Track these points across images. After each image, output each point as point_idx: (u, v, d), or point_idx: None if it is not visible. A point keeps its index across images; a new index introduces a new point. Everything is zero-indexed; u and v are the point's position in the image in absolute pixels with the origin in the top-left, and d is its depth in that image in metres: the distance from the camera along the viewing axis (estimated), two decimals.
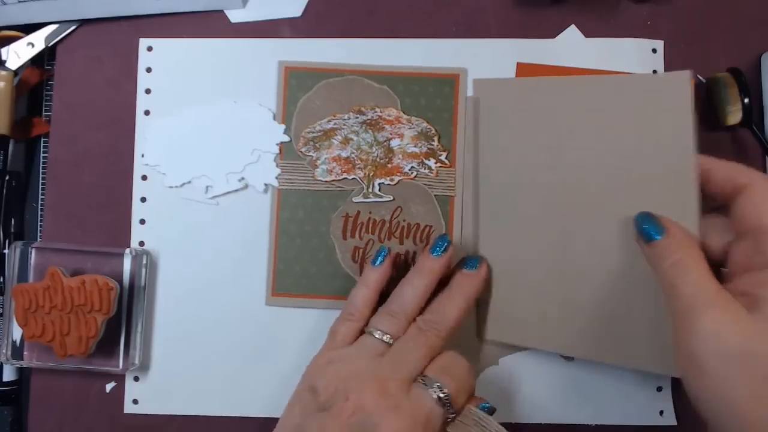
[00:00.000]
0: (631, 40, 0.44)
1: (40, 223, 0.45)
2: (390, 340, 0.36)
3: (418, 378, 0.34)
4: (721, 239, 0.32)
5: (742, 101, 0.41)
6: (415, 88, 0.43)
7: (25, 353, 0.42)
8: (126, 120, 0.44)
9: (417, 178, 0.43)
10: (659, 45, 0.44)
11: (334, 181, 0.43)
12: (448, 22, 0.44)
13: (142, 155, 0.44)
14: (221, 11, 0.45)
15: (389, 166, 0.43)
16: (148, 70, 0.44)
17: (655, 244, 0.32)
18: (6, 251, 0.42)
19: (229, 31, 0.44)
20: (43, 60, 0.46)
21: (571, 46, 0.44)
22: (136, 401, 0.43)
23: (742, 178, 0.31)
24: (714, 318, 0.27)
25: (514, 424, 0.42)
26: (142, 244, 0.43)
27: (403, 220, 0.43)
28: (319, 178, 0.43)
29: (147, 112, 0.44)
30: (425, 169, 0.43)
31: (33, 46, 0.44)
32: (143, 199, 0.44)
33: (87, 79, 0.45)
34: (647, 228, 0.32)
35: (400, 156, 0.43)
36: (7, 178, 0.44)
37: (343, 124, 0.43)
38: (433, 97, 0.43)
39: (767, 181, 0.30)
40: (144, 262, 0.42)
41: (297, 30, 0.44)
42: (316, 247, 0.43)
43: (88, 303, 0.40)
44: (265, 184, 0.43)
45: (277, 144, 0.43)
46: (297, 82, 0.43)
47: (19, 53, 0.44)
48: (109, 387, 0.43)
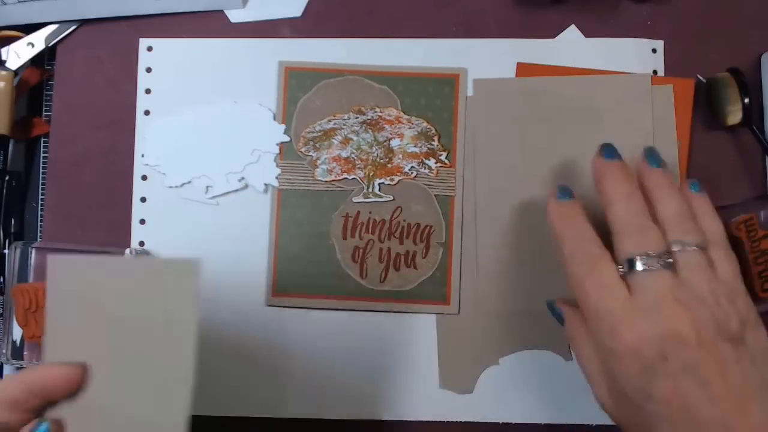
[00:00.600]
0: (631, 40, 0.44)
1: (40, 223, 0.45)
2: None
3: None
4: None
5: (742, 101, 0.41)
6: (415, 88, 0.43)
7: (25, 353, 0.42)
8: (126, 120, 0.44)
9: (417, 178, 0.43)
10: (659, 45, 0.44)
11: (334, 181, 0.43)
12: (448, 22, 0.44)
13: (142, 155, 0.44)
14: (221, 11, 0.45)
15: (389, 166, 0.43)
16: (148, 70, 0.44)
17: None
18: (6, 251, 0.42)
19: (229, 31, 0.44)
20: (43, 60, 0.46)
21: (571, 46, 0.44)
22: None
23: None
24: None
25: (514, 424, 0.42)
26: (142, 244, 0.43)
27: (403, 220, 0.43)
28: (319, 178, 0.43)
29: (147, 112, 0.44)
30: (425, 169, 0.43)
31: (33, 46, 0.44)
32: (143, 199, 0.44)
33: (87, 79, 0.45)
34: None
35: (400, 156, 0.43)
36: (7, 178, 0.44)
37: (343, 124, 0.43)
38: (433, 97, 0.43)
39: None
40: None
41: (297, 30, 0.44)
42: (316, 247, 0.43)
43: None
44: (265, 184, 0.43)
45: (277, 144, 0.43)
46: (297, 82, 0.43)
47: (19, 53, 0.44)
48: None
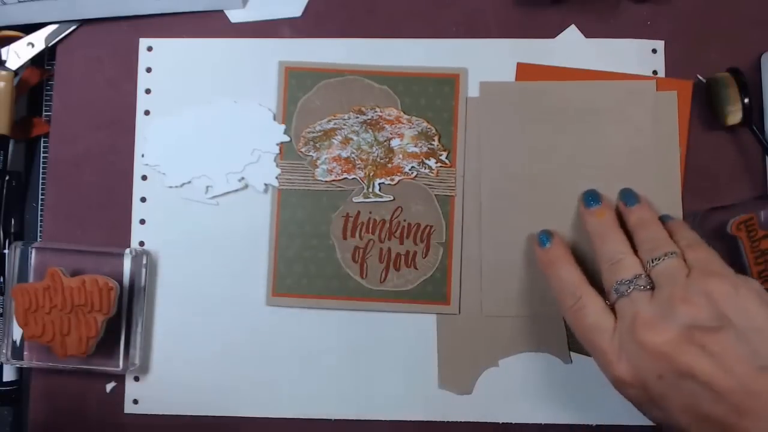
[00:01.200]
0: (631, 41, 0.44)
1: (40, 223, 0.45)
2: None
3: None
4: None
5: (742, 101, 0.41)
6: (415, 88, 0.43)
7: (25, 353, 0.42)
8: (126, 120, 0.44)
9: (417, 178, 0.43)
10: (659, 45, 0.44)
11: (334, 181, 0.43)
12: (448, 22, 0.44)
13: (142, 155, 0.44)
14: (221, 11, 0.45)
15: (389, 166, 0.42)
16: (148, 70, 0.44)
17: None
18: (6, 251, 0.42)
19: (229, 31, 0.44)
20: (43, 60, 0.46)
21: (571, 46, 0.44)
22: (136, 401, 0.43)
23: None
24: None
25: (514, 424, 0.42)
26: (142, 244, 0.43)
27: (404, 220, 0.42)
28: (319, 178, 0.43)
29: (147, 112, 0.44)
30: (425, 168, 0.43)
31: (33, 46, 0.44)
32: (143, 199, 0.44)
33: (87, 79, 0.45)
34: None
35: (401, 156, 0.43)
36: (7, 178, 0.44)
37: (343, 124, 0.43)
38: (433, 97, 0.43)
39: None
40: (144, 262, 0.42)
41: (297, 30, 0.44)
42: (316, 247, 0.43)
43: (88, 303, 0.40)
44: (265, 184, 0.43)
45: (277, 144, 0.43)
46: (297, 82, 0.43)
47: (19, 53, 0.44)
48: (109, 387, 0.43)
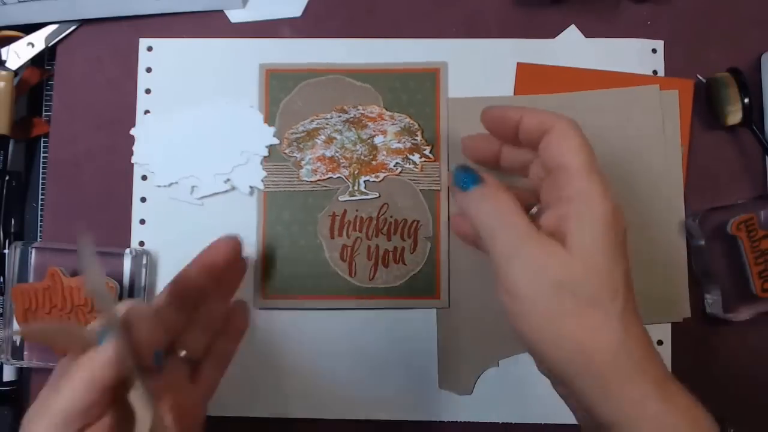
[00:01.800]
0: (631, 40, 0.44)
1: (40, 223, 0.45)
2: None
3: None
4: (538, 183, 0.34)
5: (742, 101, 0.41)
6: (397, 84, 0.43)
7: (25, 353, 0.42)
8: (126, 120, 0.44)
9: (402, 174, 0.43)
10: (659, 45, 0.44)
11: (319, 180, 0.43)
12: (448, 22, 0.44)
13: (133, 154, 0.43)
14: (221, 11, 0.45)
15: (374, 163, 0.43)
16: (148, 70, 0.44)
17: (471, 192, 0.33)
18: (6, 251, 0.42)
19: (229, 31, 0.44)
20: (43, 60, 0.46)
21: (571, 46, 0.44)
22: None
23: (548, 122, 0.32)
24: (533, 253, 0.29)
25: (514, 424, 0.42)
26: (142, 244, 0.43)
27: (390, 217, 0.42)
28: (304, 179, 0.43)
29: (147, 112, 0.44)
30: (410, 164, 0.43)
31: (33, 46, 0.44)
32: (143, 199, 0.44)
33: (87, 79, 0.45)
34: (464, 177, 0.33)
35: (384, 152, 0.43)
36: (7, 178, 0.44)
37: (326, 124, 0.43)
38: (414, 92, 0.43)
39: (567, 123, 0.31)
40: (144, 262, 0.42)
41: (297, 30, 0.44)
42: (304, 248, 0.43)
43: (88, 303, 0.40)
44: (250, 187, 0.43)
45: (266, 146, 0.43)
46: (278, 83, 0.43)
47: (19, 53, 0.44)
48: None
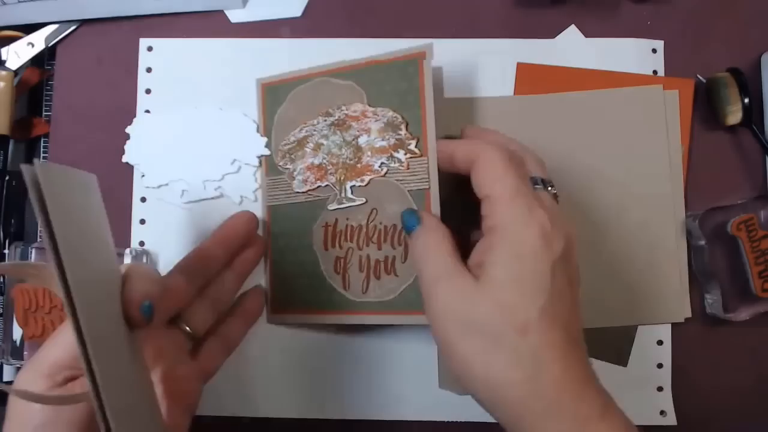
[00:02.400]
0: (631, 40, 0.44)
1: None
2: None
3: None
4: None
5: (742, 101, 0.41)
6: (381, 75, 0.39)
7: (25, 353, 0.42)
8: (126, 120, 0.44)
9: (388, 175, 0.38)
10: (659, 45, 0.44)
11: (310, 191, 0.41)
12: (448, 22, 0.44)
13: (124, 153, 0.43)
14: (221, 11, 0.45)
15: (359, 166, 0.39)
16: (148, 70, 0.44)
17: (413, 233, 0.34)
18: (6, 251, 0.42)
19: (229, 31, 0.44)
20: (43, 60, 0.46)
21: (571, 46, 0.44)
22: None
23: (473, 153, 0.32)
24: (444, 292, 0.30)
25: None
26: (142, 244, 0.43)
27: (380, 223, 0.38)
28: (296, 190, 0.41)
29: (147, 112, 0.44)
30: (395, 162, 0.38)
31: (33, 46, 0.44)
32: (143, 199, 0.44)
33: (87, 79, 0.45)
34: (408, 219, 0.34)
35: (369, 153, 0.39)
36: (7, 178, 0.44)
37: (313, 130, 0.41)
38: (397, 80, 0.38)
39: (491, 152, 0.31)
40: (144, 262, 0.42)
41: (297, 30, 0.44)
42: (304, 261, 0.41)
43: None
44: (241, 197, 0.43)
45: (258, 156, 0.42)
46: (272, 96, 0.42)
47: (19, 53, 0.44)
48: None
